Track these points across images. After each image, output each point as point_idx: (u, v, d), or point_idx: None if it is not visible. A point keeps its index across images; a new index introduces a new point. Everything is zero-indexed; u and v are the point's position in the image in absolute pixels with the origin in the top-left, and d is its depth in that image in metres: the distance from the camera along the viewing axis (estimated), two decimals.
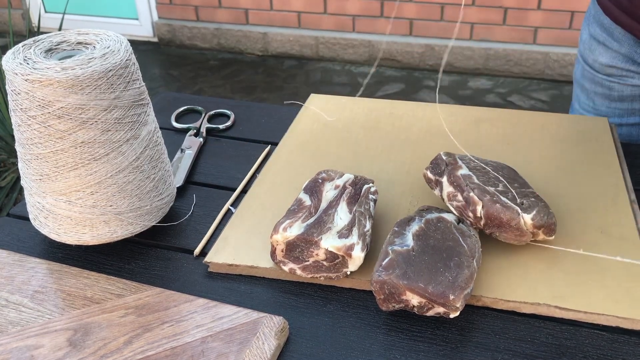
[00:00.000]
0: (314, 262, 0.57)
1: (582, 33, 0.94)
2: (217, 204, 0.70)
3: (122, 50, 0.59)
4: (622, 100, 0.89)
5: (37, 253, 0.64)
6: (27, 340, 0.53)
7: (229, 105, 0.93)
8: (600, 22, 0.88)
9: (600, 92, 0.91)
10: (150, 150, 0.62)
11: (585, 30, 0.93)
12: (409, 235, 0.57)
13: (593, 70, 0.91)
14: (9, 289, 0.59)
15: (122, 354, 0.51)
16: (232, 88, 2.96)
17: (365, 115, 0.85)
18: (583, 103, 0.95)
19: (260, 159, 0.78)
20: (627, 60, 0.86)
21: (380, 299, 0.53)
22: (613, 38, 0.86)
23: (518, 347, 0.52)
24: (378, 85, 2.91)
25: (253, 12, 3.24)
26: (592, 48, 0.90)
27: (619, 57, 0.87)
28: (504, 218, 0.57)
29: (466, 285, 0.52)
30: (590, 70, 0.92)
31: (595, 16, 0.89)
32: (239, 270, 0.60)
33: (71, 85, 0.54)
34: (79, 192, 0.59)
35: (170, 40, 3.44)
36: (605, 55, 0.88)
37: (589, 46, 0.91)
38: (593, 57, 0.90)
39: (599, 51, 0.89)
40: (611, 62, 0.88)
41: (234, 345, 0.51)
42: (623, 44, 0.85)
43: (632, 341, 0.52)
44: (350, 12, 3.07)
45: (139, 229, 0.63)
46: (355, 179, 0.65)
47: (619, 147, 0.76)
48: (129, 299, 0.57)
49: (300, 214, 0.60)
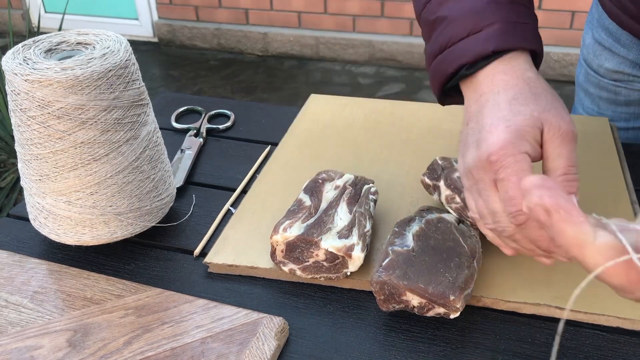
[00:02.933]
0: (314, 262, 0.57)
1: (585, 37, 0.91)
2: (217, 205, 0.70)
3: (122, 50, 0.59)
4: (629, 104, 0.87)
5: (37, 254, 0.64)
6: (26, 341, 0.53)
7: (229, 105, 0.93)
8: (605, 27, 0.85)
9: (605, 96, 0.89)
10: (150, 150, 0.62)
11: (588, 34, 0.90)
12: (409, 236, 0.57)
13: (598, 75, 0.89)
14: (8, 290, 0.59)
15: (121, 354, 0.51)
16: (232, 88, 2.96)
17: (366, 116, 0.85)
18: (587, 107, 0.93)
19: (260, 159, 0.78)
20: (634, 66, 0.84)
21: (380, 299, 0.53)
22: (620, 44, 0.83)
23: (518, 348, 0.52)
24: (378, 86, 2.91)
25: (253, 12, 3.24)
26: (596, 53, 0.88)
27: (626, 63, 0.84)
28: None
29: (466, 285, 0.52)
30: (595, 75, 0.89)
31: (599, 20, 0.86)
32: (239, 270, 0.60)
33: (71, 85, 0.54)
34: (78, 193, 0.59)
35: (170, 40, 3.44)
36: (612, 60, 0.85)
37: (593, 51, 0.88)
38: (598, 62, 0.88)
39: (604, 57, 0.86)
40: (618, 67, 0.85)
41: (234, 346, 0.51)
42: (631, 49, 0.83)
43: (633, 342, 0.52)
44: (351, 12, 3.07)
45: (138, 230, 0.63)
46: (356, 179, 0.65)
47: (620, 147, 0.76)
48: (128, 300, 0.56)
49: (300, 214, 0.60)
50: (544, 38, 0.57)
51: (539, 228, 0.45)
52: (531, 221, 0.45)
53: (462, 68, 0.52)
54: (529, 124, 0.46)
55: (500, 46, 0.50)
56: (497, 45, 0.50)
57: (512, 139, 0.46)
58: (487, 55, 0.50)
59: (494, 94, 0.49)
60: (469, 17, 0.52)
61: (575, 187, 0.46)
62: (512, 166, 0.45)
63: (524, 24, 0.52)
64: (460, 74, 0.52)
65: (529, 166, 0.46)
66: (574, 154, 0.47)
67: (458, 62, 0.52)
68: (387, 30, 3.05)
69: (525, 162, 0.46)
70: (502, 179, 0.46)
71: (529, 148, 0.46)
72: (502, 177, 0.46)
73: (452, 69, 0.52)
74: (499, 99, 0.48)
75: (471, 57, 0.51)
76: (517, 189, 0.45)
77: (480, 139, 0.48)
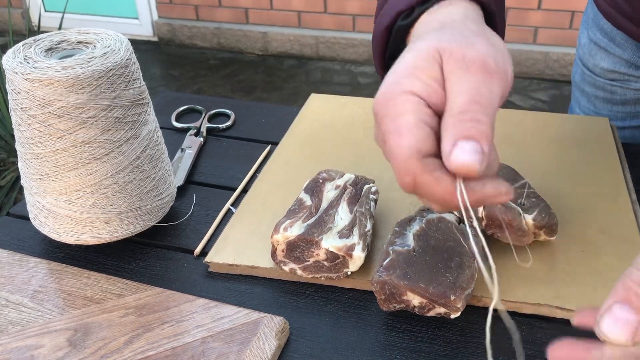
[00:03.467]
0: (314, 262, 0.57)
1: (581, 37, 0.92)
2: (218, 204, 0.70)
3: (123, 49, 0.58)
4: (625, 103, 0.88)
5: (37, 253, 0.64)
6: (27, 340, 0.53)
7: (229, 104, 0.93)
8: (600, 26, 0.86)
9: (601, 96, 0.90)
10: (151, 149, 0.62)
11: (584, 34, 0.90)
12: (410, 236, 0.57)
13: (594, 75, 0.89)
14: (9, 289, 0.58)
15: (122, 354, 0.51)
16: (232, 88, 2.96)
17: (366, 115, 0.85)
18: (583, 106, 0.94)
19: (261, 158, 0.78)
20: (629, 65, 0.84)
21: (380, 299, 0.53)
22: (615, 43, 0.84)
23: (519, 348, 0.52)
24: (378, 85, 2.90)
25: (253, 12, 3.24)
26: (592, 53, 0.88)
27: (622, 63, 0.85)
28: (506, 219, 0.57)
29: (467, 285, 0.52)
30: (591, 74, 0.90)
31: (594, 20, 0.87)
32: (239, 270, 0.60)
33: (71, 84, 0.54)
34: (79, 192, 0.59)
35: (170, 39, 3.44)
36: (607, 60, 0.86)
37: (588, 51, 0.89)
38: (594, 61, 0.88)
39: (600, 56, 0.87)
40: (613, 67, 0.86)
41: (235, 346, 0.51)
42: (626, 49, 0.83)
43: None
44: (351, 12, 3.07)
45: (139, 229, 0.63)
46: (356, 178, 0.65)
47: (620, 147, 0.76)
48: (129, 299, 0.56)
49: (301, 213, 0.60)
50: (543, 38, 0.57)
51: (435, 181, 0.35)
52: (420, 175, 0.35)
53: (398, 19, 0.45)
54: (422, 58, 0.37)
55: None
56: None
57: (397, 80, 0.37)
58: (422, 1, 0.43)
59: (412, 43, 0.40)
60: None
61: (476, 131, 0.34)
62: (390, 113, 0.36)
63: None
64: (397, 26, 0.45)
65: (414, 108, 0.36)
66: (482, 88, 0.36)
67: (394, 11, 0.45)
68: None
69: (407, 103, 0.36)
70: (384, 132, 0.37)
71: (417, 86, 0.36)
72: (383, 129, 0.37)
73: (387, 22, 0.46)
74: (412, 46, 0.39)
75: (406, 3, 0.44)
76: (394, 138, 0.36)
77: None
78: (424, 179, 0.35)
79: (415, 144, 0.35)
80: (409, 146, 0.35)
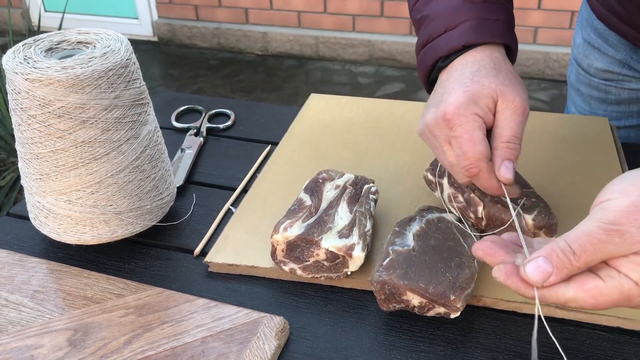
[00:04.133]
0: (314, 262, 0.57)
1: (576, 37, 0.92)
2: (217, 204, 0.70)
3: (123, 49, 0.58)
4: (619, 103, 0.88)
5: (37, 253, 0.64)
6: (27, 340, 0.53)
7: (229, 104, 0.93)
8: (594, 27, 0.86)
9: (596, 95, 0.90)
10: (151, 149, 0.62)
11: (578, 35, 0.91)
12: (410, 235, 0.57)
13: (588, 75, 0.90)
14: (9, 289, 0.58)
15: (122, 354, 0.51)
16: (232, 88, 2.96)
17: (365, 115, 0.85)
18: (579, 106, 0.94)
19: (261, 158, 0.78)
20: (623, 65, 0.85)
21: (380, 299, 0.53)
22: (608, 44, 0.85)
23: (519, 348, 0.52)
24: (378, 85, 2.91)
25: (253, 12, 3.24)
26: (586, 53, 0.89)
27: (615, 63, 0.85)
28: (505, 218, 0.57)
29: (467, 285, 0.52)
30: (586, 74, 0.90)
31: (588, 21, 0.87)
32: (239, 270, 0.60)
33: (71, 84, 0.54)
34: (79, 192, 0.59)
35: (170, 39, 3.44)
36: (601, 60, 0.87)
37: (583, 51, 0.90)
38: (588, 62, 0.89)
39: (594, 56, 0.88)
40: (607, 67, 0.86)
41: (234, 345, 0.51)
42: (619, 49, 0.84)
43: (633, 342, 0.52)
44: (350, 12, 3.07)
45: (139, 229, 0.63)
46: (356, 178, 0.65)
47: (619, 147, 0.76)
48: (129, 299, 0.56)
49: (301, 213, 0.60)
50: (543, 38, 0.60)
51: (490, 178, 0.52)
52: (483, 172, 0.52)
53: (439, 61, 0.57)
54: (485, 93, 0.52)
55: (471, 41, 0.55)
56: (467, 40, 0.55)
57: (466, 101, 0.52)
58: (459, 49, 0.56)
59: (462, 66, 0.55)
60: (446, 15, 0.57)
61: (515, 156, 0.52)
62: (463, 125, 0.51)
63: (495, 20, 0.56)
64: (437, 66, 0.58)
65: (480, 126, 0.52)
66: (521, 127, 0.53)
67: (435, 56, 0.58)
68: (386, 30, 3.05)
69: (476, 122, 0.51)
70: (455, 136, 0.52)
71: (479, 111, 0.52)
72: (455, 134, 0.52)
73: (431, 63, 0.58)
74: (465, 70, 0.54)
75: (445, 51, 0.57)
76: (469, 144, 0.51)
77: (440, 101, 0.53)
78: (485, 175, 0.52)
79: (485, 151, 0.51)
80: (481, 152, 0.51)
